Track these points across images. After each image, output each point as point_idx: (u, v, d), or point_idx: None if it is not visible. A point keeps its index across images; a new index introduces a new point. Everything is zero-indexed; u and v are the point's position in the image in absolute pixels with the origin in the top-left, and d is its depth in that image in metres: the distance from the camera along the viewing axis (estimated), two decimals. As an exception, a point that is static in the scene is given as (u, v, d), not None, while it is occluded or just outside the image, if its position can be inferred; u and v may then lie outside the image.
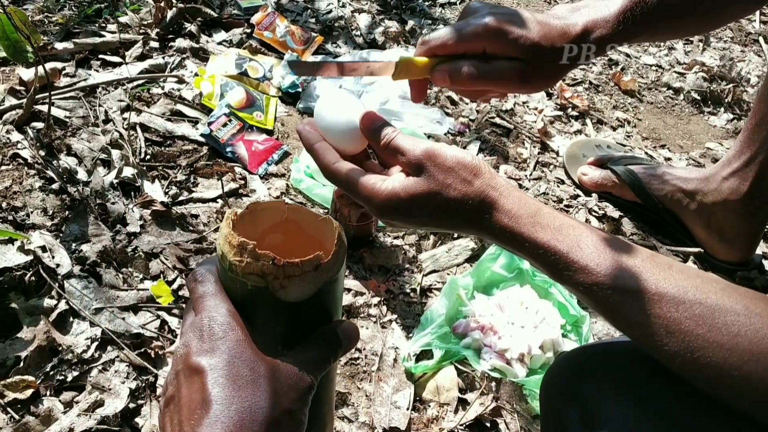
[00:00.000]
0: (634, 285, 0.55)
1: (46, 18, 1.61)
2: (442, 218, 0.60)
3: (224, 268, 0.55)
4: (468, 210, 0.59)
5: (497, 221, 0.59)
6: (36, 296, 1.04)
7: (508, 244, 0.59)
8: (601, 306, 0.57)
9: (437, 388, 1.05)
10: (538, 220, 0.59)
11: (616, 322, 0.57)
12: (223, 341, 0.51)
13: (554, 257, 0.57)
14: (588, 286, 0.56)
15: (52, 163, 1.24)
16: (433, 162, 0.60)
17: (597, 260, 0.56)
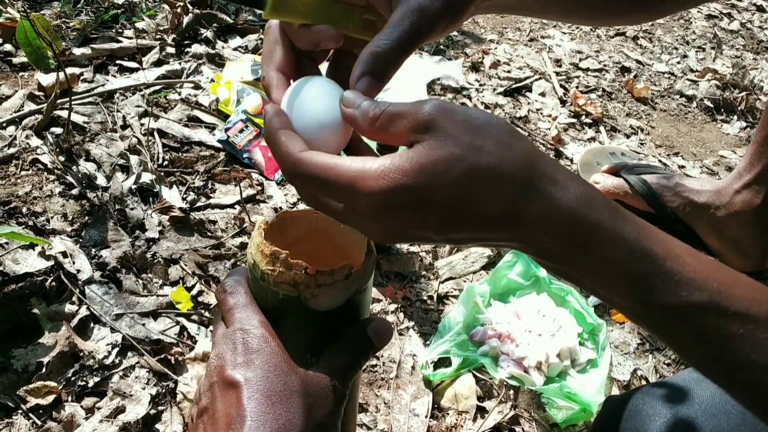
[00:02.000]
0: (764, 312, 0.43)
1: (63, 23, 1.62)
2: (472, 204, 0.41)
3: (255, 277, 0.55)
4: (513, 184, 0.41)
5: (559, 203, 0.41)
6: (57, 302, 1.04)
7: (568, 242, 0.42)
8: (700, 335, 0.43)
9: (455, 396, 1.06)
10: (616, 209, 0.43)
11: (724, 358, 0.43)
12: (258, 354, 0.51)
13: (643, 264, 0.42)
14: (692, 306, 0.42)
15: (71, 169, 1.25)
16: (449, 119, 0.42)
17: (706, 273, 0.43)
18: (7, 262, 1.05)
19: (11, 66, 1.48)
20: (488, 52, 2.00)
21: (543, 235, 0.42)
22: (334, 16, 0.53)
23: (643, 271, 0.42)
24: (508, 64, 1.96)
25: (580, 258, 0.43)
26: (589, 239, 0.42)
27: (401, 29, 0.48)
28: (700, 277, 0.42)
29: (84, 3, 1.70)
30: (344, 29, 0.53)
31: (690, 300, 0.42)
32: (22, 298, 1.03)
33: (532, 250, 0.44)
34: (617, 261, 0.42)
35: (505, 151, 0.42)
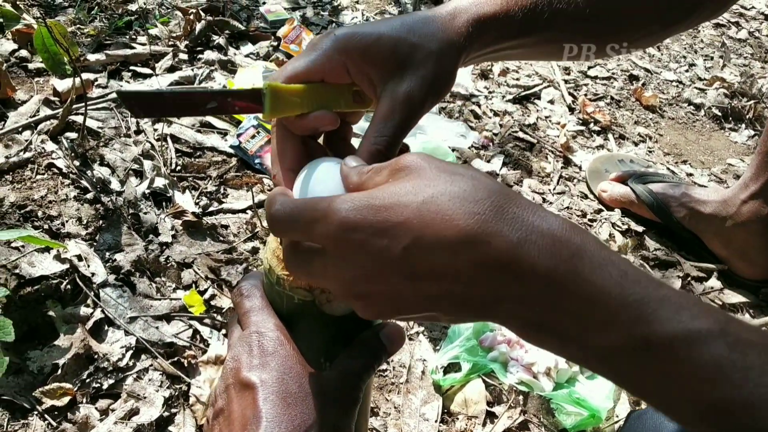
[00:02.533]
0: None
1: (78, 30, 1.64)
2: (436, 225, 0.39)
3: (271, 282, 0.56)
4: (487, 204, 0.40)
5: (540, 226, 0.40)
6: (72, 304, 1.06)
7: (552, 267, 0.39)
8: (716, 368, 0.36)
9: (465, 401, 1.07)
10: (597, 239, 0.41)
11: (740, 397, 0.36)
12: (273, 357, 0.52)
13: (637, 288, 0.38)
14: (698, 334, 0.37)
15: (86, 173, 1.26)
16: (426, 160, 0.44)
17: (694, 300, 0.39)
18: (23, 265, 1.07)
19: (27, 71, 1.50)
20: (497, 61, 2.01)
21: (519, 260, 0.39)
22: (326, 99, 0.55)
23: (638, 299, 0.38)
24: (516, 72, 1.97)
25: (563, 293, 0.39)
26: (577, 263, 0.39)
27: (393, 123, 0.52)
28: (696, 306, 0.38)
29: (98, 10, 1.72)
30: (337, 108, 0.56)
31: (693, 327, 0.37)
32: (37, 300, 1.04)
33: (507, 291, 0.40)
34: (610, 289, 0.38)
35: (479, 181, 0.41)
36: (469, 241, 0.39)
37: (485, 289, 0.40)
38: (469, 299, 0.41)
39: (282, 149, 0.56)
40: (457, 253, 0.39)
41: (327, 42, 0.54)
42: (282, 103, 0.53)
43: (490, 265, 0.39)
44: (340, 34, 0.54)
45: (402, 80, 0.53)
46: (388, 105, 0.53)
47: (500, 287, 0.40)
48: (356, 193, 0.43)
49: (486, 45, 0.59)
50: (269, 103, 0.52)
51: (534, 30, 0.60)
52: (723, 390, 0.36)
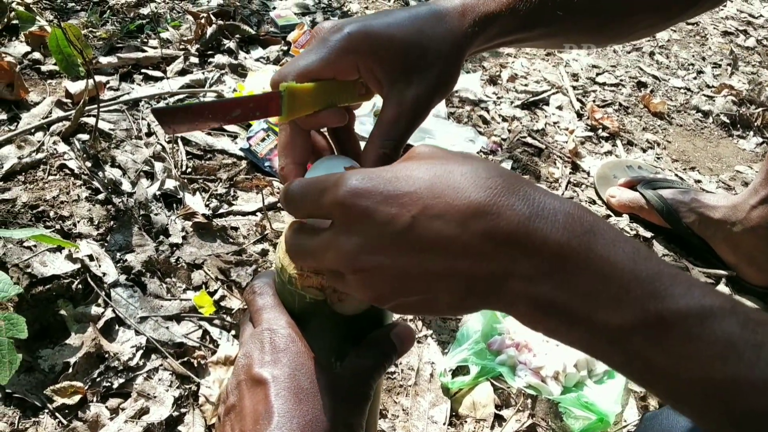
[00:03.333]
0: None
1: (90, 33, 1.65)
2: (454, 189, 0.40)
3: (283, 281, 0.57)
4: (499, 180, 0.40)
5: (551, 204, 0.39)
6: (83, 304, 1.06)
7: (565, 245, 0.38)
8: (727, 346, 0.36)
9: (474, 404, 1.07)
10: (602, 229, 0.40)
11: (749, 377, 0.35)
12: (285, 353, 0.52)
13: (650, 264, 0.38)
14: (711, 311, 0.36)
15: (97, 174, 1.27)
16: (438, 149, 0.45)
17: (703, 282, 0.39)
18: (35, 265, 1.08)
19: (40, 73, 1.51)
20: (506, 66, 2.01)
21: (530, 235, 0.38)
22: (335, 96, 0.57)
23: (651, 272, 0.38)
24: (525, 78, 1.98)
25: (576, 269, 0.38)
26: (590, 237, 0.38)
27: (400, 127, 0.54)
28: (705, 285, 0.38)
29: (110, 13, 1.74)
30: (344, 102, 0.58)
31: (706, 303, 0.37)
32: (49, 299, 1.05)
33: (518, 267, 0.39)
34: (621, 262, 0.38)
35: (492, 163, 0.42)
36: (480, 212, 0.39)
37: (493, 264, 0.39)
38: (475, 276, 0.40)
39: (290, 143, 0.57)
40: (467, 224, 0.39)
41: (338, 39, 0.54)
42: (297, 105, 0.54)
43: (499, 238, 0.38)
44: (353, 32, 0.54)
45: (410, 84, 0.54)
46: (395, 109, 0.54)
47: (509, 262, 0.39)
48: (368, 168, 0.43)
49: (488, 40, 0.59)
50: (287, 105, 0.53)
51: (536, 25, 0.61)
52: (735, 368, 0.35)
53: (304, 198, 0.46)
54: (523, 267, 0.38)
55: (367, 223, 0.41)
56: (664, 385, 0.38)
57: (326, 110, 0.56)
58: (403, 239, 0.40)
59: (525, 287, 0.39)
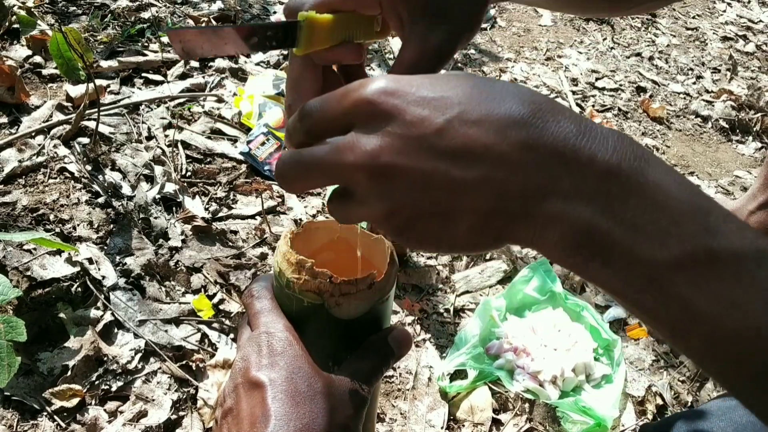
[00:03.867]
0: None
1: (91, 36, 1.66)
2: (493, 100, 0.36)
3: (281, 285, 0.57)
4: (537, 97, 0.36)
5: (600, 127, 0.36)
6: (83, 307, 1.07)
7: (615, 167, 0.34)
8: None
9: (471, 408, 1.07)
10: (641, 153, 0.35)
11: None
12: (282, 356, 0.52)
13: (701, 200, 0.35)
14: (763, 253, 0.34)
15: (97, 178, 1.28)
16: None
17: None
18: (35, 268, 1.08)
19: (41, 77, 1.51)
20: (505, 71, 2.02)
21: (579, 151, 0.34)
22: (352, 30, 0.54)
23: (705, 207, 0.34)
24: (525, 83, 1.98)
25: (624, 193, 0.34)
26: (642, 162, 0.35)
27: (421, 70, 0.49)
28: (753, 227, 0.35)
29: (111, 17, 1.74)
30: (360, 39, 0.54)
31: (761, 246, 0.33)
32: (49, 302, 1.05)
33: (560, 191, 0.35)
34: (675, 192, 0.34)
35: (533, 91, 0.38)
36: (522, 122, 0.35)
37: (531, 178, 0.34)
38: (508, 191, 0.35)
39: (300, 78, 0.53)
40: (506, 132, 0.35)
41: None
42: (315, 37, 0.51)
43: (542, 150, 0.34)
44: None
45: (433, 30, 0.50)
46: (416, 51, 0.50)
47: (549, 178, 0.34)
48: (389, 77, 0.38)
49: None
50: (305, 37, 0.50)
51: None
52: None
53: (323, 106, 0.40)
54: (565, 185, 0.34)
55: (396, 122, 0.36)
56: (699, 334, 0.34)
57: (343, 45, 0.53)
58: (433, 143, 0.35)
59: (563, 209, 0.34)
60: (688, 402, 1.16)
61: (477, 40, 2.14)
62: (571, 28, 2.34)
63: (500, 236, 0.37)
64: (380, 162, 0.36)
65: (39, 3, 1.69)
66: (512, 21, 2.30)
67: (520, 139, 0.34)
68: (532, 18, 2.35)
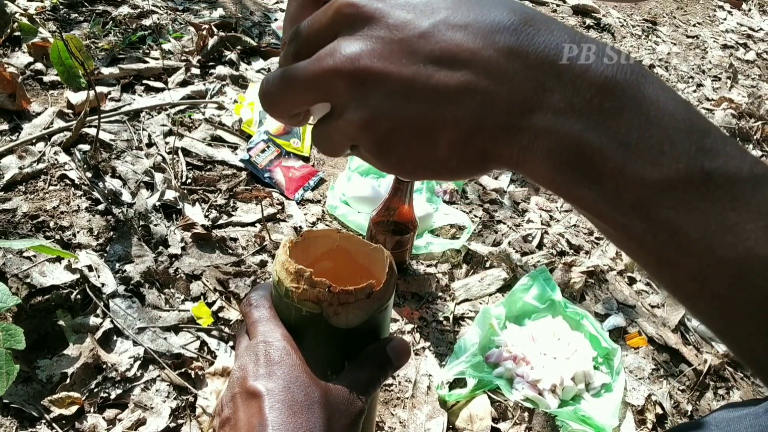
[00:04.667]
0: None
1: (92, 44, 1.66)
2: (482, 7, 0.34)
3: (279, 294, 0.57)
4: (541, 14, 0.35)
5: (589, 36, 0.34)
6: (82, 314, 1.07)
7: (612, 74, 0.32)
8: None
9: (471, 417, 1.07)
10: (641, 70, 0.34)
11: None
12: (280, 366, 0.52)
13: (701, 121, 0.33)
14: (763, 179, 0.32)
15: (97, 185, 1.28)
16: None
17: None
18: (34, 275, 1.08)
19: (42, 84, 1.52)
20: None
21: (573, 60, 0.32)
22: None
23: (702, 127, 0.32)
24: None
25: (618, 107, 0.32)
26: (639, 77, 0.33)
27: None
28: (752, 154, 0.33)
29: (112, 24, 1.75)
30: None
31: (758, 171, 0.32)
32: (48, 309, 1.05)
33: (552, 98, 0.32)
34: (672, 108, 0.32)
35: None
36: (512, 28, 0.33)
37: (518, 88, 0.32)
38: (493, 102, 0.33)
39: (297, 14, 0.49)
40: (493, 37, 0.33)
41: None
42: None
43: (531, 58, 0.32)
44: None
45: None
46: None
47: (538, 89, 0.32)
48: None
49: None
50: None
51: None
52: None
53: (310, 21, 0.38)
54: (555, 97, 0.32)
55: (378, 26, 0.34)
56: (688, 264, 0.33)
57: None
58: (416, 47, 0.34)
59: (552, 123, 0.32)
60: (687, 411, 1.16)
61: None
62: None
63: (484, 155, 0.35)
64: (359, 65, 0.34)
65: (41, 10, 1.70)
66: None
67: (508, 45, 0.33)
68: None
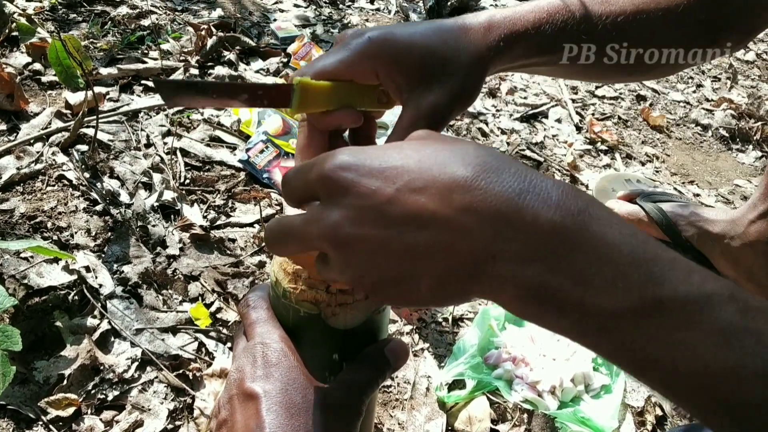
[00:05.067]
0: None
1: (91, 44, 1.66)
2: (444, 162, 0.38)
3: (277, 295, 0.57)
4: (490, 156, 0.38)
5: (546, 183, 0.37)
6: (79, 315, 1.06)
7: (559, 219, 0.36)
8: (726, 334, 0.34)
9: (470, 418, 1.06)
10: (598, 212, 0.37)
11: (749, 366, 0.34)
12: (277, 368, 0.52)
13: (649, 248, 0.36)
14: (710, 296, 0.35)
15: (95, 185, 1.27)
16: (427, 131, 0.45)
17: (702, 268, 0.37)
18: (31, 276, 1.08)
19: (40, 84, 1.52)
20: (505, 79, 2.02)
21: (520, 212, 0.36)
22: (351, 98, 0.56)
23: (649, 256, 0.36)
24: (524, 91, 1.98)
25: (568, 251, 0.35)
26: (585, 217, 0.36)
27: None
28: (703, 271, 0.36)
29: (111, 24, 1.74)
30: (362, 106, 0.57)
31: (705, 290, 0.35)
32: (45, 310, 1.05)
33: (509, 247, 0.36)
34: (619, 244, 0.36)
35: (485, 146, 0.41)
36: (465, 186, 0.37)
37: (477, 241, 0.36)
38: (458, 254, 0.37)
39: (308, 144, 0.57)
40: (450, 197, 0.37)
41: (359, 43, 0.54)
42: (309, 100, 0.54)
43: (485, 213, 0.36)
44: (374, 37, 0.54)
45: (429, 91, 0.54)
46: (412, 114, 0.54)
47: (495, 240, 0.36)
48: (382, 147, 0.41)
49: (513, 59, 0.59)
50: (297, 99, 0.53)
51: (562, 49, 0.61)
52: (736, 357, 0.34)
53: (296, 176, 0.44)
54: (512, 246, 0.36)
55: (350, 195, 0.39)
56: (656, 375, 0.36)
57: (340, 110, 0.55)
58: (384, 212, 0.38)
59: (513, 269, 0.36)
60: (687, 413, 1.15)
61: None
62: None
63: (462, 293, 0.39)
64: (340, 234, 0.39)
65: (39, 10, 1.70)
66: (512, 29, 2.30)
67: (463, 204, 0.36)
68: (532, 26, 2.35)
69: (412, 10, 2.19)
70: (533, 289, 0.36)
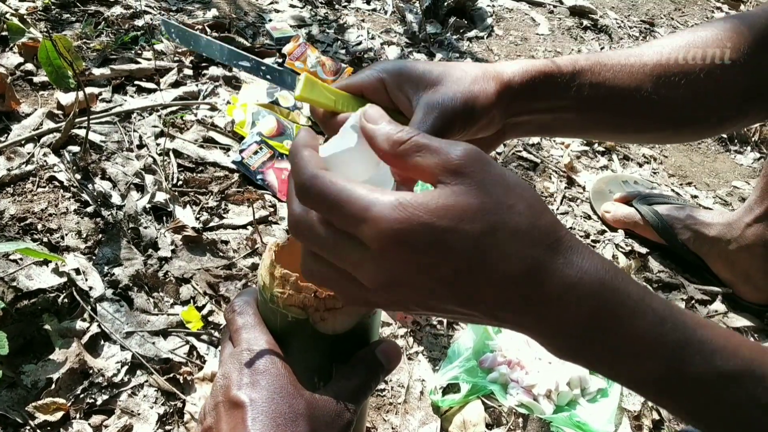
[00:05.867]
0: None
1: (84, 44, 1.64)
2: (494, 259, 0.39)
3: (265, 299, 0.55)
4: (540, 248, 0.40)
5: (587, 271, 0.41)
6: (69, 318, 1.05)
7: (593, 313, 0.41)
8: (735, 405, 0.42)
9: (464, 423, 1.05)
10: (640, 284, 0.44)
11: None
12: (264, 375, 0.51)
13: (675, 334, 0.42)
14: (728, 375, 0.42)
15: (87, 187, 1.26)
16: (484, 170, 0.40)
17: (735, 341, 0.43)
18: (20, 278, 1.06)
19: (32, 85, 1.50)
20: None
21: (566, 304, 0.40)
22: (357, 107, 0.59)
23: (675, 341, 0.41)
24: (521, 92, 1.97)
25: (603, 331, 0.41)
26: (618, 309, 0.41)
27: (425, 129, 0.55)
28: (731, 346, 0.42)
29: (105, 25, 1.73)
30: None
31: (725, 369, 0.41)
32: (34, 313, 1.03)
33: (547, 325, 0.42)
34: (647, 332, 0.41)
35: (536, 217, 0.40)
36: (523, 277, 0.40)
37: (525, 318, 0.42)
38: (504, 322, 0.43)
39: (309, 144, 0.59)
40: (510, 288, 0.40)
41: (370, 67, 0.60)
42: (315, 91, 0.58)
43: (536, 301, 0.40)
44: (385, 64, 0.60)
45: (436, 92, 0.57)
46: (421, 113, 0.56)
47: (541, 320, 0.41)
48: (408, 198, 0.39)
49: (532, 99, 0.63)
50: (305, 86, 0.57)
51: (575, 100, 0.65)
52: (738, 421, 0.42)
53: (331, 209, 0.41)
54: (553, 327, 0.42)
55: (408, 268, 0.40)
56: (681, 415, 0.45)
57: (344, 115, 0.59)
58: (439, 289, 0.40)
59: (553, 337, 0.43)
60: (684, 417, 1.14)
61: (474, 48, 2.13)
62: (569, 37, 2.33)
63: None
64: (388, 291, 0.41)
65: (32, 10, 1.68)
66: (509, 30, 2.29)
67: (521, 294, 0.40)
68: (530, 27, 2.34)
69: (409, 11, 2.17)
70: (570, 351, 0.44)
